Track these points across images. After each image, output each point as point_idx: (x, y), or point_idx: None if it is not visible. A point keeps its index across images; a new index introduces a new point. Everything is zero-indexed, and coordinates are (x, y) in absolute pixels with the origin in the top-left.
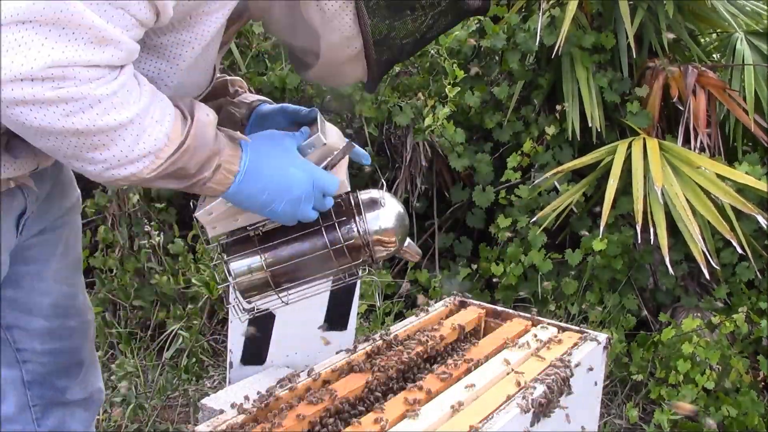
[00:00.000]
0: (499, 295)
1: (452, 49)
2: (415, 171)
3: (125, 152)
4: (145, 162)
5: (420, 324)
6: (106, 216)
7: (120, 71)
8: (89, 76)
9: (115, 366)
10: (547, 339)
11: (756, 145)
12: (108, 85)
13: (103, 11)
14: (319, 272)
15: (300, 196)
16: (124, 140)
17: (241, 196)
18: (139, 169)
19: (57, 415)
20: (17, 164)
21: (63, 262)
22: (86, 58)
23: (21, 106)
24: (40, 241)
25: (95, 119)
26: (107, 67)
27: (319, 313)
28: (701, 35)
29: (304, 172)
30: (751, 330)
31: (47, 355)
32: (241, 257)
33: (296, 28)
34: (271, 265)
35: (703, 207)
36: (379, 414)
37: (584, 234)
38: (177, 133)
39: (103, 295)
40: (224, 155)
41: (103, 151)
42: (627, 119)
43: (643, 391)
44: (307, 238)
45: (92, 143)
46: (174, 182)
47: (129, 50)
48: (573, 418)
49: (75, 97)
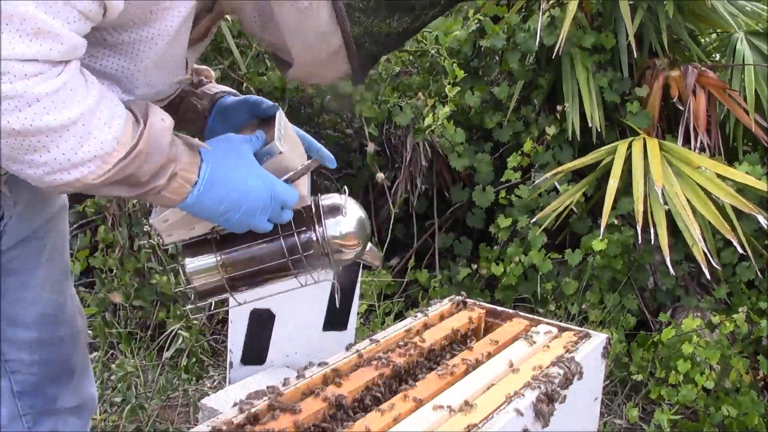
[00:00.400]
0: (499, 295)
1: (452, 49)
2: (415, 171)
3: (68, 155)
4: (90, 167)
5: (420, 324)
6: (106, 216)
7: (63, 67)
8: (25, 71)
9: (115, 366)
10: (547, 339)
11: (756, 145)
12: (48, 82)
13: (41, 2)
14: (276, 277)
15: (257, 208)
16: (66, 142)
17: (199, 206)
18: (84, 174)
19: (49, 424)
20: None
21: (49, 269)
22: (20, 50)
23: None
24: (23, 250)
25: (33, 119)
26: (47, 62)
27: (320, 314)
28: (701, 35)
29: (264, 183)
30: (751, 330)
31: (36, 365)
32: (198, 261)
33: (269, 27)
34: (228, 270)
35: (704, 207)
36: (379, 414)
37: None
38: (128, 137)
39: (103, 295)
40: (181, 163)
41: (43, 153)
42: (627, 119)
43: (643, 391)
44: (265, 245)
45: (31, 145)
46: (125, 189)
47: (71, 45)
48: (573, 418)
49: (9, 95)
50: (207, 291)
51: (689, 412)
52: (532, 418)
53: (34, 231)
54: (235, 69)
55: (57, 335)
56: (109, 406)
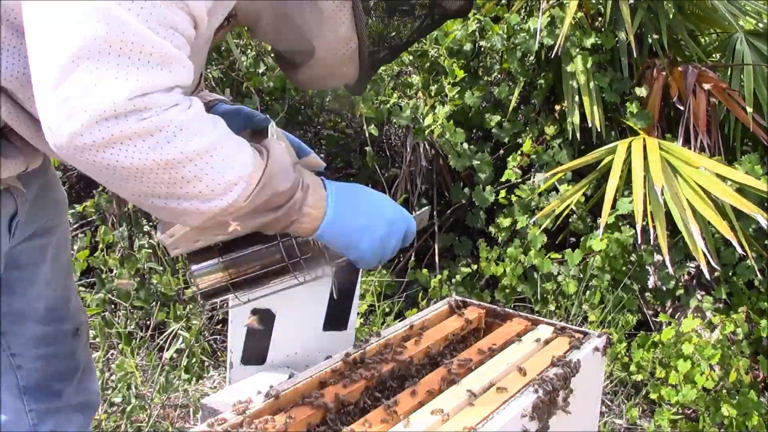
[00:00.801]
0: (499, 295)
1: (452, 48)
2: (415, 171)
3: (217, 180)
4: (238, 189)
5: (418, 324)
6: (106, 216)
7: (190, 98)
8: (168, 101)
9: (115, 366)
10: (547, 339)
11: (756, 145)
12: (187, 111)
13: (157, 31)
14: (276, 278)
15: (393, 233)
16: (213, 168)
17: (340, 221)
18: (235, 198)
19: (53, 422)
20: (8, 165)
21: (54, 265)
22: (160, 81)
23: (110, 148)
24: (30, 245)
25: (182, 146)
26: (180, 88)
27: (320, 314)
28: (701, 35)
29: (395, 208)
30: (751, 330)
31: (41, 360)
32: (203, 265)
33: (287, 31)
34: (231, 273)
35: (703, 207)
36: (379, 413)
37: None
38: (258, 160)
39: (103, 295)
40: (308, 178)
41: (196, 184)
42: (627, 119)
43: (643, 391)
44: (265, 249)
45: (184, 176)
46: (269, 215)
47: (190, 68)
48: (573, 418)
49: (160, 126)
50: (211, 292)
51: (689, 412)
52: (532, 418)
53: (40, 227)
54: (235, 69)
55: (62, 330)
56: (109, 406)
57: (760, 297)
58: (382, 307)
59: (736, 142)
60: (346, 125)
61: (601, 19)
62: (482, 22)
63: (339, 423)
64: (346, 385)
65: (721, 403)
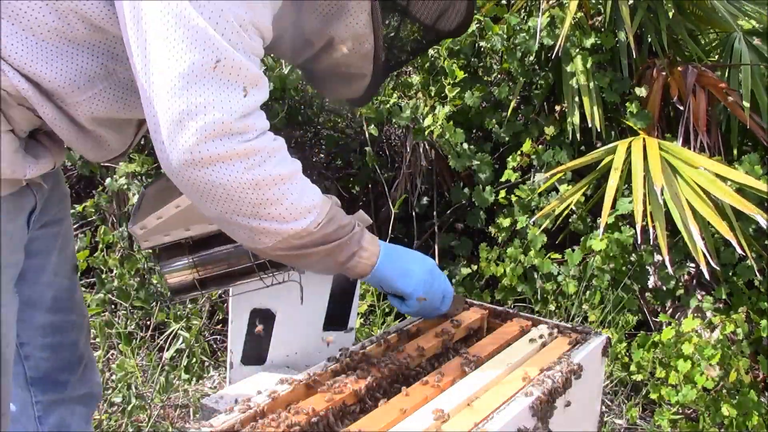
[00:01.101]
0: (499, 295)
1: (452, 49)
2: (415, 171)
3: (296, 204)
4: (312, 215)
5: (419, 323)
6: (106, 216)
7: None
8: (264, 125)
9: (115, 366)
10: (547, 339)
11: (756, 145)
12: (275, 139)
13: (249, 57)
14: (244, 278)
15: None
16: (293, 194)
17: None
18: (309, 223)
19: (58, 414)
20: (39, 165)
21: (62, 255)
22: (254, 102)
23: (213, 165)
24: (42, 233)
25: (271, 170)
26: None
27: (320, 314)
28: (701, 35)
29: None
30: (751, 330)
31: (48, 349)
32: (172, 262)
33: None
34: (199, 271)
35: (703, 207)
36: (380, 412)
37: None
38: (323, 195)
39: (103, 295)
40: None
41: (277, 206)
42: (627, 119)
43: (643, 391)
44: (233, 249)
45: (269, 198)
46: (331, 248)
47: (267, 87)
48: (573, 418)
49: (257, 149)
50: (180, 288)
51: (689, 412)
52: (532, 418)
53: (51, 217)
54: None
55: (68, 320)
56: (109, 406)
57: (760, 297)
58: (383, 307)
59: (735, 141)
60: (346, 125)
61: (601, 19)
62: (482, 22)
63: (339, 423)
64: (346, 386)
65: (721, 403)
